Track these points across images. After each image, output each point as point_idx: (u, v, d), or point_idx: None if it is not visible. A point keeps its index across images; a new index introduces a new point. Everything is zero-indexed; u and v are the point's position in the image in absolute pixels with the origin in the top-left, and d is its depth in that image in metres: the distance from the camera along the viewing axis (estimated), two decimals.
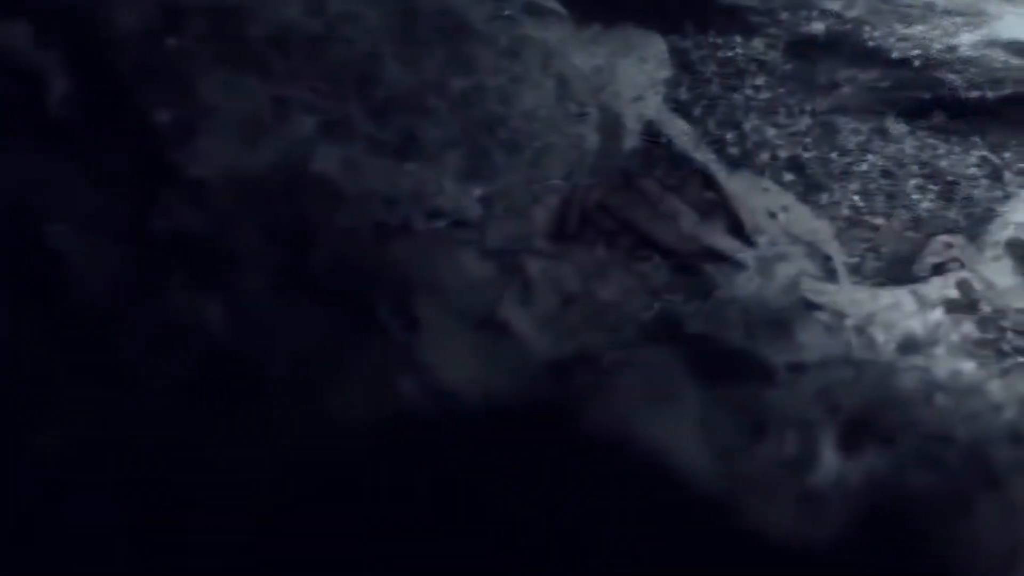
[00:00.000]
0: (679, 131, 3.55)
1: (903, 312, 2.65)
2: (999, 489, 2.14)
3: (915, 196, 4.03)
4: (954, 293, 3.58)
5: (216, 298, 2.45)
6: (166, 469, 2.23)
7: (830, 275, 3.56)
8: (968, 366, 2.49)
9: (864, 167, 3.94)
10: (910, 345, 2.52)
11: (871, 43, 3.83)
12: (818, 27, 3.78)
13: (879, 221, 3.97)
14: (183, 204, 2.61)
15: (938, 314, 2.63)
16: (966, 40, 3.85)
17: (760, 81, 3.87)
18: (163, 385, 2.35)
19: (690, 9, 3.74)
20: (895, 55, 3.88)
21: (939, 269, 3.84)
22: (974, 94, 4.09)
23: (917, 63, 3.94)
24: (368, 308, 2.52)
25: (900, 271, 3.77)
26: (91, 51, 2.83)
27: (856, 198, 3.90)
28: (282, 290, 2.53)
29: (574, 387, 2.25)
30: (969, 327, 2.64)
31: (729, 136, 3.74)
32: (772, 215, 3.57)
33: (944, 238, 3.94)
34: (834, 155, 3.89)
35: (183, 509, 2.25)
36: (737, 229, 3.45)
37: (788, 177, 3.76)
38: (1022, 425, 2.40)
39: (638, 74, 3.59)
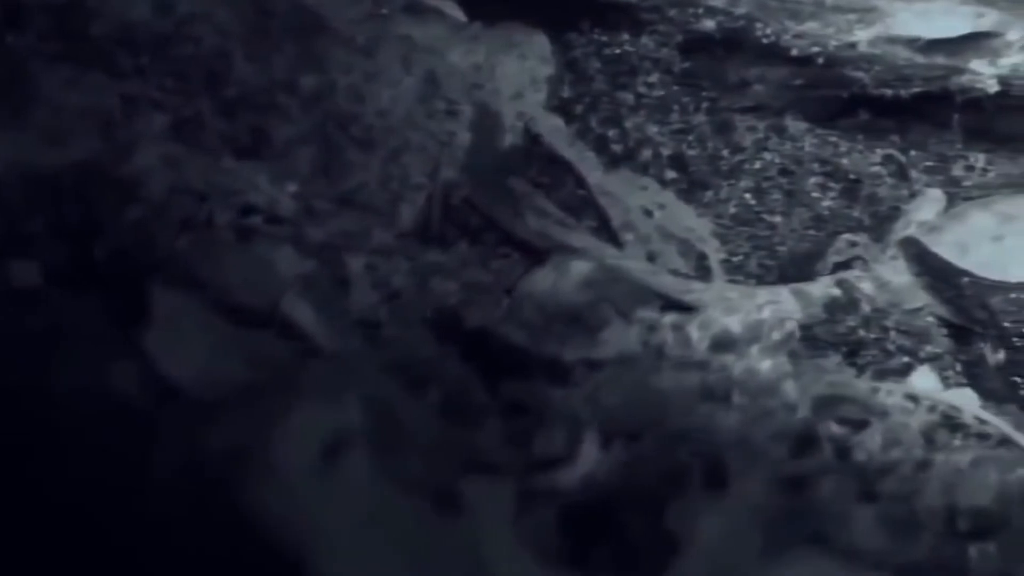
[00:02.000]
0: (556, 128, 3.54)
1: (757, 311, 2.62)
2: (722, 489, 2.12)
3: (815, 194, 3.99)
4: (836, 291, 3.55)
5: None
6: None
7: (703, 273, 3.54)
8: (773, 364, 2.47)
9: (758, 165, 3.91)
10: (726, 343, 2.51)
11: (766, 40, 3.79)
12: (709, 24, 3.74)
13: (776, 219, 3.94)
14: None
15: (767, 313, 2.61)
16: (863, 37, 3.80)
17: (654, 79, 3.84)
18: None
19: (575, 6, 3.72)
20: (795, 52, 3.84)
21: (842, 268, 3.81)
22: (885, 92, 4.05)
23: (821, 60, 3.90)
24: (137, 302, 2.54)
25: (800, 270, 3.74)
26: None
27: (747, 196, 3.87)
28: (56, 285, 2.56)
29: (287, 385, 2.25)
30: (792, 326, 2.62)
31: (611, 134, 3.72)
32: (648, 213, 3.55)
33: (848, 236, 3.90)
34: (725, 153, 3.86)
35: None
36: (604, 227, 3.44)
37: (671, 175, 3.74)
38: (815, 425, 2.39)
39: (519, 72, 3.58)
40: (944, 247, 3.65)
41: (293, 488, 1.98)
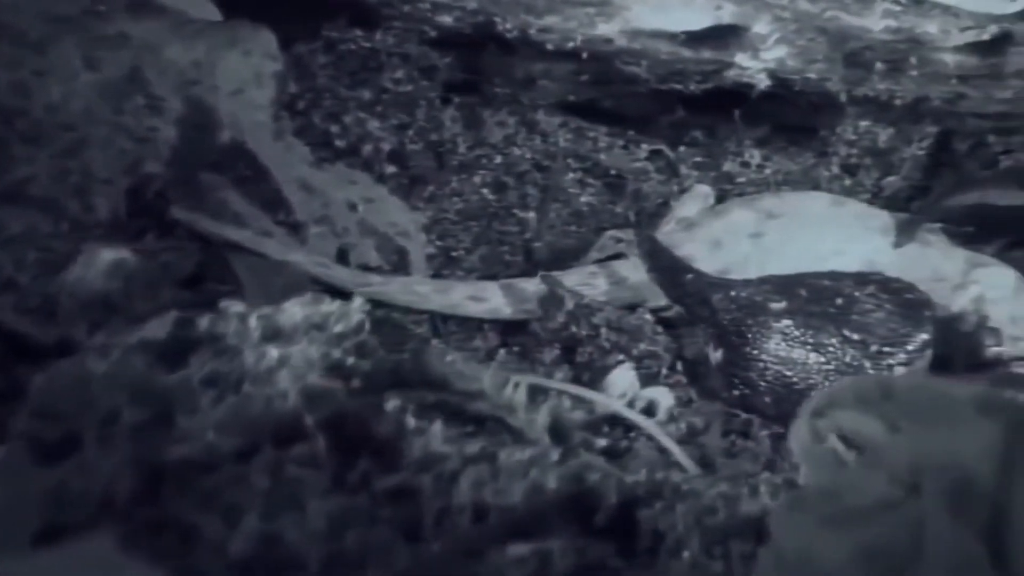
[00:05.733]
0: (262, 124, 3.54)
1: (342, 305, 2.58)
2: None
3: (573, 190, 3.92)
4: (543, 288, 3.51)
5: None
6: None
7: (400, 269, 3.51)
8: (288, 354, 2.44)
9: (499, 160, 3.86)
10: (275, 334, 2.50)
11: (510, 35, 3.74)
12: (446, 19, 3.70)
13: (530, 215, 3.90)
14: None
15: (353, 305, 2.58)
16: (608, 31, 3.73)
17: (400, 75, 3.83)
18: None
19: (311, 3, 3.71)
20: (550, 47, 3.79)
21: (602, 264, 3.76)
22: (674, 87, 3.99)
23: (585, 55, 3.85)
24: None
25: (555, 266, 3.70)
26: None
27: (485, 191, 3.83)
28: None
29: None
30: (360, 317, 2.59)
31: (334, 129, 3.71)
32: (352, 207, 3.53)
33: (613, 233, 3.85)
34: (463, 148, 3.82)
35: None
36: (293, 223, 3.44)
37: (390, 170, 3.71)
38: (301, 416, 2.36)
39: (242, 68, 3.58)
40: (697, 244, 3.56)
41: None
